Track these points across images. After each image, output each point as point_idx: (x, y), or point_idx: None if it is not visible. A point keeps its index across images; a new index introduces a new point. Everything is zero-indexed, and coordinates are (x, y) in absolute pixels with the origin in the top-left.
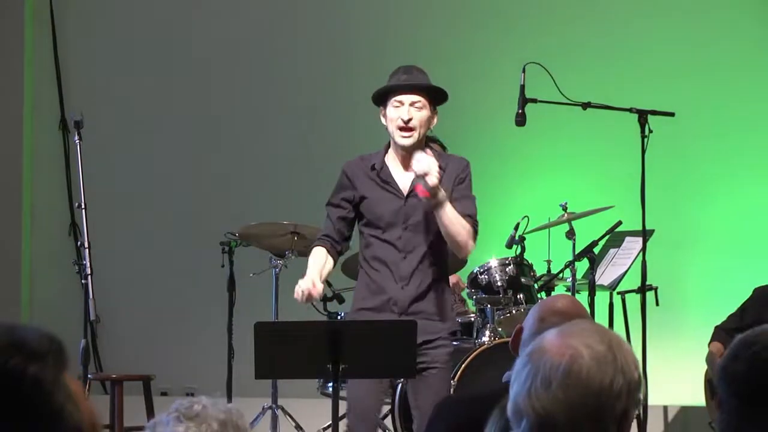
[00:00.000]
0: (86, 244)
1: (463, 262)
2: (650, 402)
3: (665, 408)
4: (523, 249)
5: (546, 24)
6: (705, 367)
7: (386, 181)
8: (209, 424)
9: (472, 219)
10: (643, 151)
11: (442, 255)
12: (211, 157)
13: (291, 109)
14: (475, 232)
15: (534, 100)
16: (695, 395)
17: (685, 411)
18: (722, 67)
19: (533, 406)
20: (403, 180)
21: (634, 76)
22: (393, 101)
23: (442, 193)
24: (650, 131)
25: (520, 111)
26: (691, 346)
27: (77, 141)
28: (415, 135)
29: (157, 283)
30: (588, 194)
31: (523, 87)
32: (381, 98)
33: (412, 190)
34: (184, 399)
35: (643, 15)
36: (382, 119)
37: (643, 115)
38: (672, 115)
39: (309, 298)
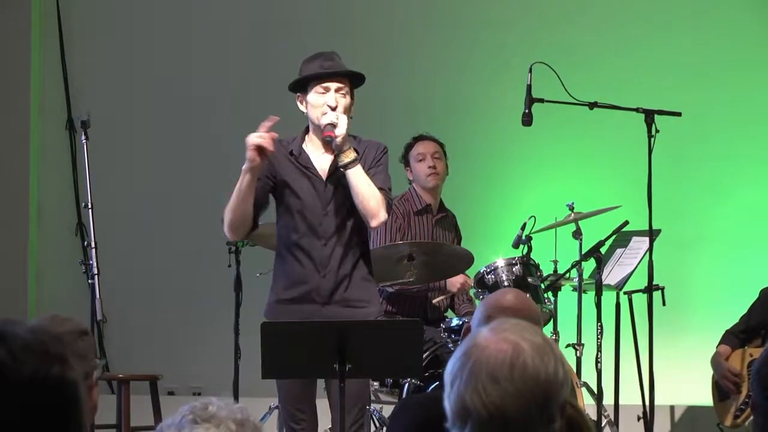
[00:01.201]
0: (93, 244)
1: (470, 262)
2: (657, 402)
3: (672, 408)
4: (530, 249)
5: (553, 24)
6: None
7: (305, 166)
8: (227, 425)
9: (385, 191)
10: (650, 151)
11: (363, 240)
12: (218, 156)
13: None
14: (388, 204)
15: (541, 100)
16: (702, 395)
17: (692, 411)
18: (729, 66)
19: (483, 403)
20: (323, 164)
21: (641, 76)
22: (317, 88)
23: (350, 148)
24: (657, 131)
25: (526, 111)
26: (697, 346)
27: (84, 141)
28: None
29: (164, 283)
30: (595, 194)
31: (529, 87)
32: (300, 85)
33: (331, 174)
34: (194, 401)
35: (650, 15)
36: (300, 105)
37: (649, 115)
38: (679, 114)
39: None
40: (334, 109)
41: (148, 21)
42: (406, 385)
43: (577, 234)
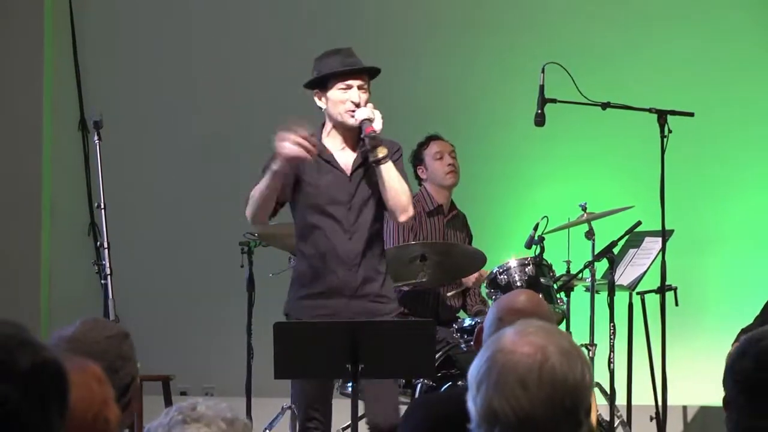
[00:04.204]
0: (106, 245)
1: (482, 262)
2: (669, 402)
3: (684, 408)
4: (543, 249)
5: (566, 24)
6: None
7: (327, 161)
8: (218, 424)
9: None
10: (663, 151)
11: (381, 236)
12: (231, 156)
13: (310, 110)
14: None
15: (553, 101)
16: (715, 395)
17: (704, 411)
18: (742, 66)
19: (512, 408)
20: (345, 159)
21: (654, 76)
22: (339, 84)
23: (383, 145)
24: (670, 131)
25: (539, 111)
26: (710, 346)
27: (96, 141)
28: None
29: (177, 284)
30: (607, 194)
31: (542, 87)
32: (319, 82)
33: (355, 169)
34: (181, 403)
35: (663, 15)
36: (318, 101)
37: (662, 115)
38: (691, 115)
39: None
40: (357, 105)
41: (160, 22)
42: (419, 385)
43: (590, 234)
